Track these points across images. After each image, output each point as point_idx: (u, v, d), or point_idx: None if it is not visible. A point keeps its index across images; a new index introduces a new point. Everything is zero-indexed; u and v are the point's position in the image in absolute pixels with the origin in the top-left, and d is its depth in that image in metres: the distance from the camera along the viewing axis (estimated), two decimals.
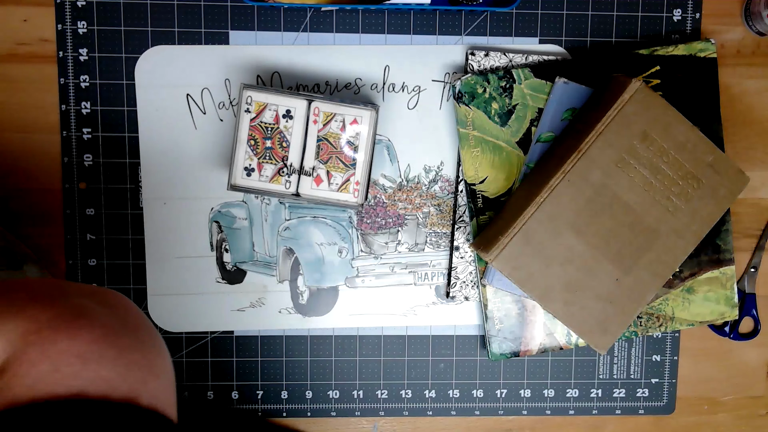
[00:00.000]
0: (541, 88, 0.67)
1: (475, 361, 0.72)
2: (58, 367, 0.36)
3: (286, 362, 0.71)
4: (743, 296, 0.73)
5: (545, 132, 0.67)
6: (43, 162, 0.68)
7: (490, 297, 0.68)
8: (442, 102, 0.69)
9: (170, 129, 0.68)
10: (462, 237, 0.69)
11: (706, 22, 0.70)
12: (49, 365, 0.36)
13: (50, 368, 0.36)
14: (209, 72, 0.68)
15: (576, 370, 0.72)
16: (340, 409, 0.72)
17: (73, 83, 0.67)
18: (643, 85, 0.60)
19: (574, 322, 0.61)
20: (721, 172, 0.62)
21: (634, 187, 0.61)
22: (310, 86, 0.68)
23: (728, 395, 0.74)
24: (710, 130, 0.67)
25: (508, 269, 0.60)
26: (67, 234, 0.69)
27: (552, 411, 0.73)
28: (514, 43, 0.69)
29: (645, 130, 0.61)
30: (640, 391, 0.73)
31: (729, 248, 0.69)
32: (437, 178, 0.70)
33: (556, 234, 0.60)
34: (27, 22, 0.67)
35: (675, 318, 0.69)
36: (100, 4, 0.67)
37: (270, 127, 0.62)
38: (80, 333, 0.37)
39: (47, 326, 0.37)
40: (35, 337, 0.37)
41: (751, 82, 0.71)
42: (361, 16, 0.68)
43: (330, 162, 0.62)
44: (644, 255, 0.61)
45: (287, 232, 0.70)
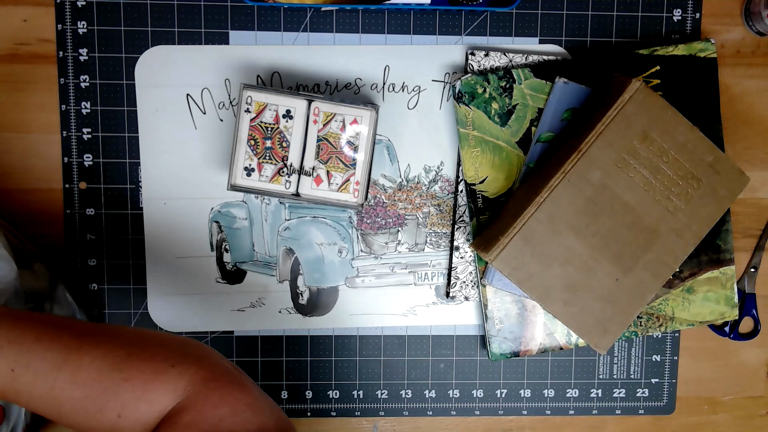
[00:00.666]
0: (541, 88, 0.67)
1: (475, 361, 0.72)
2: (237, 412, 0.44)
3: (286, 362, 0.71)
4: (743, 296, 0.73)
5: (545, 132, 0.67)
6: (43, 162, 0.68)
7: (490, 297, 0.69)
8: (442, 102, 0.69)
9: (170, 129, 0.68)
10: (462, 237, 0.69)
11: (706, 22, 0.70)
12: (229, 410, 0.44)
13: (230, 412, 0.44)
14: (209, 72, 0.68)
15: (576, 370, 0.72)
16: (340, 409, 0.72)
17: (73, 83, 0.67)
18: (643, 85, 0.60)
19: (574, 322, 0.61)
20: (721, 172, 0.62)
21: (634, 187, 0.61)
22: (310, 86, 0.68)
23: (728, 395, 0.74)
24: (710, 130, 0.67)
25: (508, 269, 0.60)
26: (67, 234, 0.69)
27: (552, 411, 0.73)
28: (514, 43, 0.69)
29: (645, 130, 0.61)
30: (640, 391, 0.73)
31: (729, 248, 0.69)
32: (437, 178, 0.70)
33: (556, 234, 0.60)
34: (27, 22, 0.67)
35: (675, 318, 0.69)
36: (100, 4, 0.67)
37: (270, 127, 0.62)
38: (247, 386, 0.47)
39: (221, 377, 0.46)
40: (215, 384, 0.45)
41: (751, 82, 0.71)
42: (361, 16, 0.68)
43: (330, 162, 0.62)
44: (644, 255, 0.61)
45: (287, 232, 0.70)
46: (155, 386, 0.45)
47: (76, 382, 0.45)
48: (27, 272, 0.63)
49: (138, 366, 0.46)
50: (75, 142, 0.68)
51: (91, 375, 0.45)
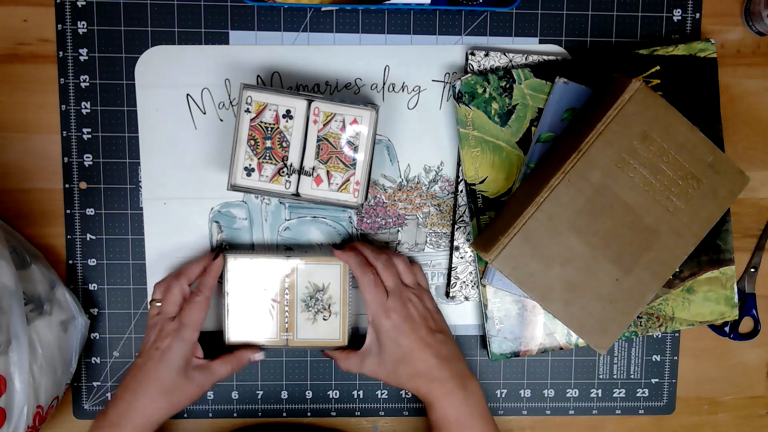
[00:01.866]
0: (541, 88, 0.67)
1: (475, 361, 0.72)
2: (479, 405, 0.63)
3: (286, 362, 0.71)
4: (743, 296, 0.73)
5: (545, 132, 0.67)
6: (43, 162, 0.68)
7: (490, 297, 0.68)
8: (442, 102, 0.69)
9: (170, 129, 0.68)
10: (462, 237, 0.69)
11: (706, 22, 0.70)
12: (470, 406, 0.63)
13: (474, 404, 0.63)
14: (209, 72, 0.68)
15: (576, 370, 0.72)
16: (340, 409, 0.72)
17: (73, 83, 0.67)
18: (643, 85, 0.60)
19: (574, 322, 0.61)
20: (721, 172, 0.62)
21: (634, 187, 0.61)
22: (310, 86, 0.68)
23: (728, 395, 0.74)
24: (710, 130, 0.67)
25: (508, 269, 0.60)
26: (67, 234, 0.69)
27: (552, 411, 0.73)
28: (514, 43, 0.69)
29: (645, 130, 0.61)
30: (640, 391, 0.73)
31: (729, 248, 0.69)
32: (437, 178, 0.70)
33: (556, 234, 0.60)
34: (27, 22, 0.67)
35: (675, 318, 0.69)
36: (100, 4, 0.67)
37: (270, 127, 0.62)
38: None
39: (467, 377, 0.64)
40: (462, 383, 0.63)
41: (751, 82, 0.71)
42: (361, 16, 0.68)
43: (330, 162, 0.62)
44: (644, 255, 0.61)
45: (287, 232, 0.70)
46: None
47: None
48: (27, 273, 0.63)
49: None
50: (75, 142, 0.68)
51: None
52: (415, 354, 0.62)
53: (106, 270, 0.69)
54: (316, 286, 0.67)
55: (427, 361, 0.62)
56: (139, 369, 0.61)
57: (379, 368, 0.63)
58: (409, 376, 0.62)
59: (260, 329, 0.67)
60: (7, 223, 0.68)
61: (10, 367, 0.57)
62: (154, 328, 0.63)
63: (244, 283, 0.66)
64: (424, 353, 0.62)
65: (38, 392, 0.60)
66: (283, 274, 0.66)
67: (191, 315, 0.62)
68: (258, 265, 0.66)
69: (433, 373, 0.62)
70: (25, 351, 0.57)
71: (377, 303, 0.62)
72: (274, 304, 0.66)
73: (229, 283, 0.66)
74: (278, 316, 0.66)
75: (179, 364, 0.61)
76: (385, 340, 0.62)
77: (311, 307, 0.67)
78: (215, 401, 0.71)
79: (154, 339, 0.62)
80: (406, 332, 0.62)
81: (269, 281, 0.66)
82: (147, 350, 0.62)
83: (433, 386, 0.61)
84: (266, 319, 0.66)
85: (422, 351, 0.62)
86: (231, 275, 0.66)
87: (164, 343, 0.61)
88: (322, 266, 0.67)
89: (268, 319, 0.66)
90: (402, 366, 0.62)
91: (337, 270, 0.67)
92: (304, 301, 0.67)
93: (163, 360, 0.61)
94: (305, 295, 0.67)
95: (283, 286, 0.66)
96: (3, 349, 0.56)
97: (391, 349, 0.62)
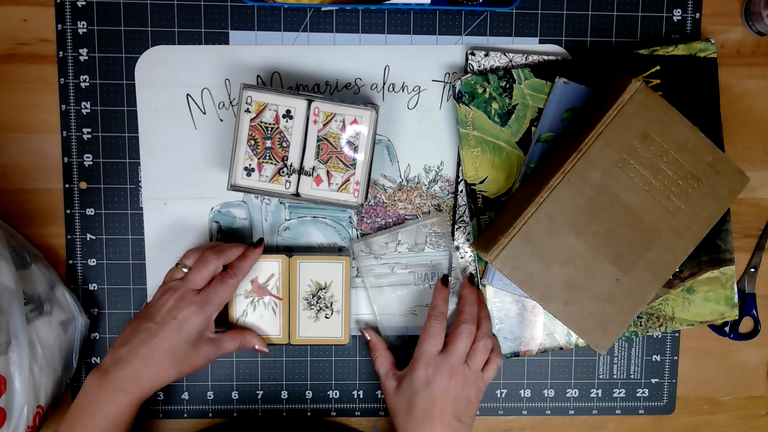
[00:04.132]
0: (541, 88, 0.67)
1: None
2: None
3: (286, 362, 0.71)
4: (743, 296, 0.73)
5: (545, 132, 0.67)
6: (43, 162, 0.68)
7: (490, 297, 0.68)
8: (442, 102, 0.69)
9: (170, 129, 0.68)
10: (462, 237, 0.69)
11: (706, 22, 0.70)
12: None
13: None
14: (209, 72, 0.68)
15: (576, 370, 0.72)
16: (340, 409, 0.72)
17: (73, 83, 0.67)
18: (643, 85, 0.60)
19: (574, 322, 0.61)
20: (721, 172, 0.62)
21: (634, 187, 0.61)
22: (310, 86, 0.68)
23: (728, 395, 0.74)
24: (710, 130, 0.67)
25: (508, 269, 0.60)
26: (67, 234, 0.69)
27: (552, 411, 0.73)
28: (514, 43, 0.69)
29: (645, 130, 0.61)
30: (640, 391, 0.73)
31: (729, 248, 0.69)
32: (437, 178, 0.70)
33: (556, 234, 0.60)
34: (27, 22, 0.67)
35: (675, 318, 0.69)
36: (100, 4, 0.67)
37: (270, 127, 0.62)
38: None
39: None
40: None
41: (751, 82, 0.71)
42: (361, 16, 0.68)
43: (330, 162, 0.62)
44: (644, 255, 0.61)
45: (287, 232, 0.70)
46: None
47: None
48: (27, 273, 0.63)
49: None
50: (75, 142, 0.68)
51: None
52: (420, 425, 0.61)
53: (106, 270, 0.69)
54: (319, 284, 0.67)
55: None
56: (152, 335, 0.59)
57: (395, 399, 0.63)
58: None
59: (263, 326, 0.67)
60: (7, 223, 0.68)
61: (10, 367, 0.57)
62: (174, 293, 0.61)
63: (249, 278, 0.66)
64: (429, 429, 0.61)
65: (38, 392, 0.60)
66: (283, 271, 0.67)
67: (220, 294, 0.61)
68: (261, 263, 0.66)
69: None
70: (25, 351, 0.57)
71: (428, 351, 0.63)
72: (278, 302, 0.66)
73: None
74: (281, 314, 0.66)
75: (194, 338, 0.60)
76: (409, 387, 0.62)
77: (313, 306, 0.67)
78: (215, 401, 0.71)
79: (172, 306, 0.60)
80: (429, 400, 0.61)
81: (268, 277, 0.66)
82: (162, 316, 0.59)
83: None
84: (270, 317, 0.66)
85: (429, 427, 0.61)
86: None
87: (183, 313, 0.59)
88: (325, 264, 0.67)
89: (272, 316, 0.66)
90: (409, 420, 0.61)
91: (339, 268, 0.67)
92: (306, 300, 0.67)
93: (180, 332, 0.59)
94: (307, 293, 0.67)
95: (285, 282, 0.66)
96: (3, 349, 0.56)
97: (407, 398, 0.62)
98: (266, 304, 0.67)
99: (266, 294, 0.66)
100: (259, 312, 0.67)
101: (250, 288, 0.66)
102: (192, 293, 0.61)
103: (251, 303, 0.67)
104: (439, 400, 0.61)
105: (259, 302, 0.67)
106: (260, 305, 0.67)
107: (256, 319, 0.67)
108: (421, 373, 0.62)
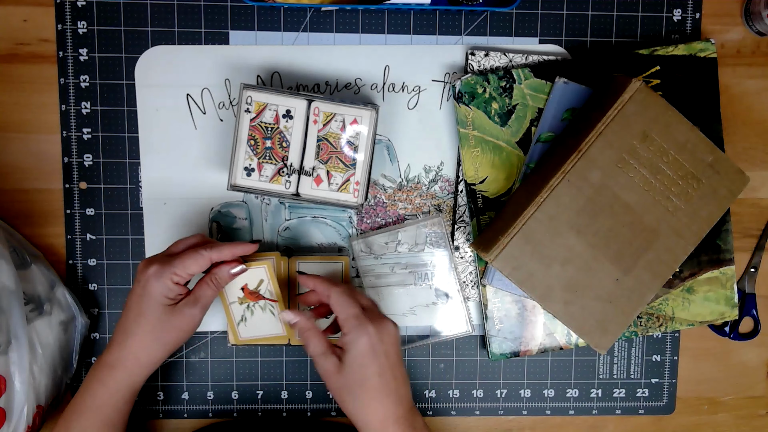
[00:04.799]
0: (541, 88, 0.67)
1: (475, 361, 0.72)
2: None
3: (286, 362, 0.71)
4: (743, 296, 0.73)
5: (545, 132, 0.67)
6: (43, 162, 0.68)
7: (490, 297, 0.68)
8: (442, 102, 0.69)
9: (170, 129, 0.68)
10: (462, 237, 0.69)
11: (706, 22, 0.70)
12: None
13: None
14: (209, 72, 0.68)
15: (576, 370, 0.72)
16: (340, 409, 0.72)
17: (73, 83, 0.67)
18: (643, 85, 0.60)
19: (574, 322, 0.61)
20: (721, 172, 0.62)
21: (634, 187, 0.61)
22: (310, 86, 0.68)
23: (728, 395, 0.74)
24: (710, 130, 0.67)
25: (508, 269, 0.60)
26: (67, 234, 0.69)
27: (552, 411, 0.73)
28: (514, 43, 0.69)
29: (645, 130, 0.61)
30: (640, 391, 0.73)
31: (729, 248, 0.69)
32: (437, 178, 0.70)
33: (556, 234, 0.60)
34: (27, 22, 0.67)
35: (675, 318, 0.69)
36: (100, 4, 0.67)
37: (270, 127, 0.62)
38: None
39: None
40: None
41: (751, 82, 0.71)
42: (361, 16, 0.68)
43: (330, 162, 0.62)
44: (644, 255, 0.61)
45: (287, 232, 0.70)
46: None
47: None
48: (27, 273, 0.63)
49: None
50: (75, 142, 0.68)
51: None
52: (378, 393, 0.56)
53: (106, 270, 0.69)
54: None
55: (388, 407, 0.56)
56: (127, 308, 0.58)
57: (336, 379, 0.57)
58: (360, 408, 0.57)
59: (266, 327, 0.67)
60: (7, 223, 0.68)
61: (10, 367, 0.57)
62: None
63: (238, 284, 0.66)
64: (387, 396, 0.57)
65: (38, 392, 0.60)
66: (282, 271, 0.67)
67: (187, 264, 0.58)
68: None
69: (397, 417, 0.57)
70: (25, 351, 0.57)
71: (353, 313, 0.57)
72: (274, 304, 0.66)
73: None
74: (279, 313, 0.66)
75: (161, 299, 0.57)
76: (355, 360, 0.56)
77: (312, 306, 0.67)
78: (215, 401, 0.71)
79: (138, 273, 0.58)
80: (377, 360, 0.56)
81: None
82: (131, 290, 0.59)
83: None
84: (269, 318, 0.66)
85: (386, 394, 0.57)
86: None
87: (145, 275, 0.57)
88: (324, 264, 0.67)
89: (270, 317, 0.66)
90: (360, 394, 0.57)
91: (338, 268, 0.67)
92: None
93: (144, 294, 0.57)
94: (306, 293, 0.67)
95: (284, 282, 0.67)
96: (3, 349, 0.56)
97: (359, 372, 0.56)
98: (263, 307, 0.66)
99: (260, 299, 0.66)
100: (257, 315, 0.66)
101: (242, 295, 0.65)
102: (159, 257, 0.59)
103: (247, 308, 0.66)
104: (389, 366, 0.57)
105: (255, 306, 0.66)
106: (257, 309, 0.66)
107: (257, 322, 0.66)
108: (363, 341, 0.56)
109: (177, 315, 0.58)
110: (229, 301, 0.66)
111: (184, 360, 0.70)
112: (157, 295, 0.57)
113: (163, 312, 0.58)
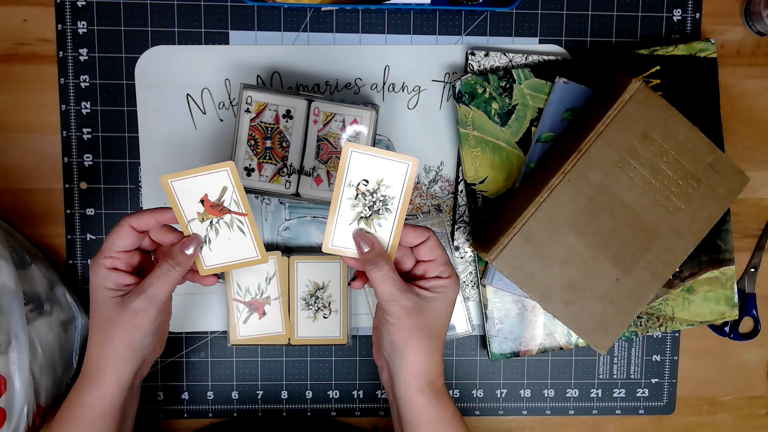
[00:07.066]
0: (541, 88, 0.67)
1: (475, 361, 0.72)
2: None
3: (286, 362, 0.71)
4: (743, 296, 0.73)
5: (545, 132, 0.67)
6: (43, 162, 0.68)
7: (490, 297, 0.68)
8: (442, 102, 0.69)
9: (170, 129, 0.68)
10: (462, 237, 0.69)
11: (706, 22, 0.70)
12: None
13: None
14: (209, 72, 0.68)
15: (576, 370, 0.72)
16: (340, 409, 0.72)
17: (73, 83, 0.67)
18: (643, 85, 0.60)
19: (574, 322, 0.61)
20: (721, 172, 0.62)
21: (634, 187, 0.61)
22: (310, 86, 0.68)
23: (728, 395, 0.74)
24: (710, 130, 0.67)
25: (508, 269, 0.60)
26: (67, 234, 0.69)
27: (552, 411, 0.73)
28: (514, 43, 0.69)
29: (645, 130, 0.61)
30: (640, 391, 0.73)
31: (729, 248, 0.69)
32: (437, 178, 0.70)
33: (556, 234, 0.60)
34: (27, 22, 0.67)
35: (675, 318, 0.69)
36: (100, 4, 0.67)
37: (270, 127, 0.62)
38: None
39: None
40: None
41: (751, 82, 0.71)
42: (361, 16, 0.68)
43: (330, 162, 0.62)
44: (644, 255, 0.61)
45: (287, 232, 0.70)
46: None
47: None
48: (27, 273, 0.63)
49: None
50: (75, 142, 0.68)
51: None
52: (441, 345, 0.55)
53: None
54: (316, 284, 0.67)
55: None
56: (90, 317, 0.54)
57: (415, 319, 0.52)
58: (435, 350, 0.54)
59: (236, 250, 0.58)
60: (7, 223, 0.68)
61: (10, 367, 0.57)
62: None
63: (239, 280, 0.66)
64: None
65: (38, 392, 0.60)
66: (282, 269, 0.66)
67: (109, 240, 0.52)
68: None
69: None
70: (25, 351, 0.57)
71: (448, 260, 0.55)
72: (243, 219, 0.56)
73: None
74: (251, 232, 0.57)
75: (101, 291, 0.51)
76: (439, 307, 0.53)
77: (311, 306, 0.67)
78: (215, 401, 0.71)
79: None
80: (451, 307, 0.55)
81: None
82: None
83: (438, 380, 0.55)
84: (239, 237, 0.57)
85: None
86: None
87: (90, 274, 0.52)
88: (322, 264, 0.67)
89: (241, 236, 0.57)
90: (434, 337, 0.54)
91: (337, 268, 0.67)
92: (304, 300, 0.67)
93: (93, 295, 0.52)
94: (305, 293, 0.67)
95: (285, 281, 0.66)
96: (3, 349, 0.56)
97: (437, 310, 0.53)
98: (229, 223, 0.54)
99: (225, 212, 0.54)
100: (224, 235, 0.55)
101: (203, 209, 0.53)
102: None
103: (210, 226, 0.54)
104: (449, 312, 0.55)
105: (220, 223, 0.54)
106: (222, 226, 0.54)
107: (224, 243, 0.55)
108: (451, 283, 0.54)
109: (122, 310, 0.51)
110: (188, 219, 0.54)
111: (184, 360, 0.70)
112: (97, 288, 0.52)
113: (113, 308, 0.51)
